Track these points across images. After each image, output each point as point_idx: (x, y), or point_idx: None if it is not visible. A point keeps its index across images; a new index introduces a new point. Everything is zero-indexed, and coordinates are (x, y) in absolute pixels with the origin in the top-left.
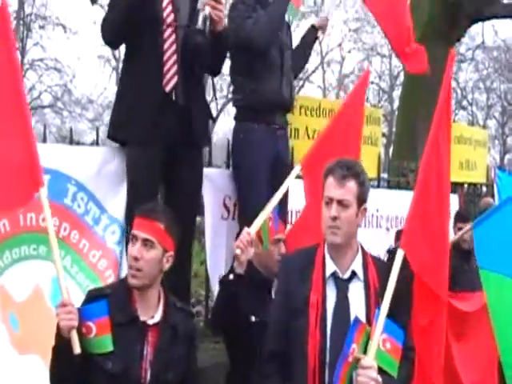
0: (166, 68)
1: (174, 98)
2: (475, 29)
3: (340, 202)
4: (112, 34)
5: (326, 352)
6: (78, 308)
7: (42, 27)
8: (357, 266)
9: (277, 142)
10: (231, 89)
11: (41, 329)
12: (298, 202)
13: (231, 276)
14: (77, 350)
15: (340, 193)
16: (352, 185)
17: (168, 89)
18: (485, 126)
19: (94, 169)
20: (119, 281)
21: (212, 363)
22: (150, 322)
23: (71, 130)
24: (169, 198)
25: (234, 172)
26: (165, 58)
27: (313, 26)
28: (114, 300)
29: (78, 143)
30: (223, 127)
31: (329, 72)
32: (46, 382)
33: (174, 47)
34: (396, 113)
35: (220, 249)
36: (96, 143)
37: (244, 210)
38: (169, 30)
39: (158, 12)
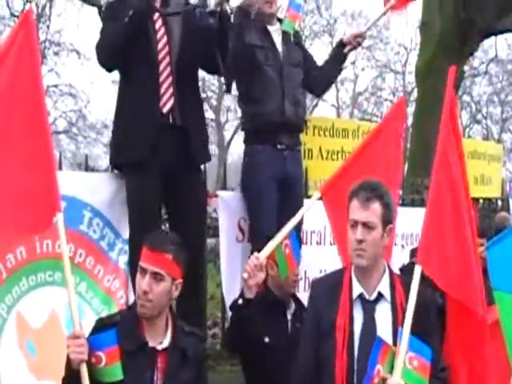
0: (162, 90)
1: (171, 120)
2: (488, 42)
3: (365, 225)
4: (108, 57)
5: (354, 374)
6: (87, 338)
7: (56, 53)
8: (383, 286)
9: (284, 163)
10: None
11: (57, 355)
12: (312, 222)
13: (240, 301)
14: (86, 383)
15: (364, 215)
16: (376, 206)
17: (165, 110)
18: (499, 140)
19: (108, 195)
20: (127, 308)
21: None
22: (159, 347)
23: (86, 156)
24: (174, 221)
25: (242, 194)
26: (161, 79)
27: (341, 42)
28: (122, 328)
29: (93, 169)
30: (238, 149)
31: (342, 90)
32: None
33: (168, 69)
34: (410, 129)
35: (235, 271)
36: (111, 169)
37: (253, 232)
38: (163, 52)
39: (151, 35)
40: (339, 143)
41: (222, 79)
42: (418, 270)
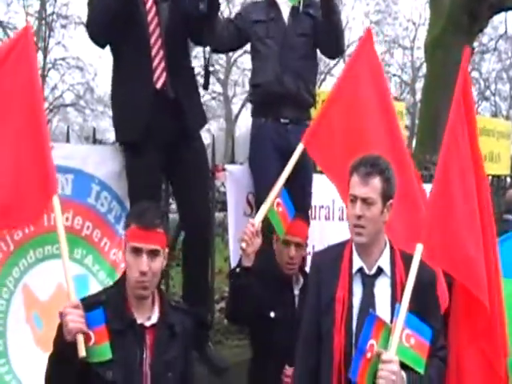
0: (154, 65)
1: (166, 94)
2: (498, 18)
3: (364, 201)
4: (97, 32)
5: (352, 348)
6: None
7: (63, 26)
8: (383, 261)
9: (288, 137)
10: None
11: None
12: (320, 197)
13: (238, 269)
14: (82, 353)
15: (364, 191)
16: (376, 182)
17: (159, 85)
18: (508, 117)
19: (116, 168)
20: (113, 285)
21: (235, 361)
22: (148, 323)
23: (94, 129)
24: (179, 195)
25: (249, 167)
26: (152, 54)
27: None
28: (110, 306)
29: (100, 142)
30: (246, 123)
31: None
32: None
33: (159, 43)
34: (418, 105)
35: None
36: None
37: (258, 204)
38: (153, 24)
39: (141, 10)
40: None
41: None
42: (419, 247)
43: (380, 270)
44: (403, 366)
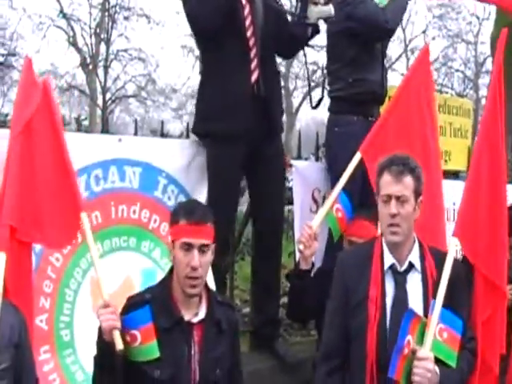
0: (250, 58)
1: (256, 90)
2: None
3: (398, 199)
4: (210, 28)
5: (386, 345)
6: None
7: (126, 18)
8: (414, 257)
9: None
10: (325, 78)
11: None
12: None
13: (297, 272)
14: (119, 346)
15: (398, 189)
16: (409, 180)
17: (252, 81)
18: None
19: (183, 162)
20: (158, 284)
21: (302, 356)
22: (195, 320)
23: (162, 122)
24: (254, 190)
25: (328, 166)
26: (247, 50)
27: None
28: (156, 305)
29: (167, 135)
30: (305, 116)
31: (412, 60)
32: None
33: (253, 39)
34: (482, 101)
35: None
36: (186, 136)
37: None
38: (248, 20)
39: (238, 9)
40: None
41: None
42: (453, 241)
43: (411, 266)
44: (435, 359)
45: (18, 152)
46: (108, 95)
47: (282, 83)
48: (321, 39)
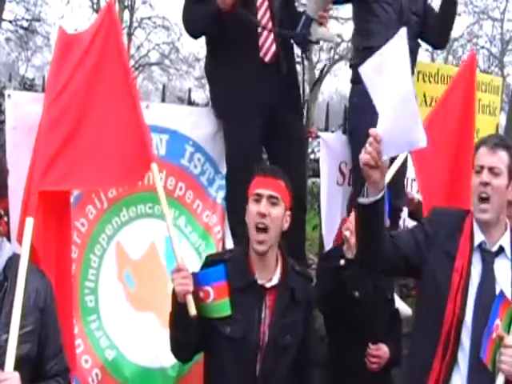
0: (262, 38)
1: (277, 68)
2: None
3: (491, 170)
4: (198, 30)
5: (464, 322)
6: (195, 273)
7: None
8: (505, 242)
9: None
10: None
11: (156, 287)
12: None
13: (342, 261)
14: (193, 311)
15: (491, 160)
16: (503, 154)
17: (267, 59)
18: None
19: (211, 130)
20: (239, 245)
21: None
22: (268, 285)
23: (189, 90)
24: (275, 161)
25: (348, 137)
26: (260, 29)
27: None
28: (232, 265)
29: (194, 103)
30: (327, 89)
31: None
32: (162, 339)
33: (268, 14)
34: (507, 79)
35: (335, 214)
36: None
37: (359, 177)
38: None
39: None
40: (444, 90)
41: None
42: None
43: (501, 249)
44: None
45: (57, 112)
46: (131, 62)
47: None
48: (345, 11)
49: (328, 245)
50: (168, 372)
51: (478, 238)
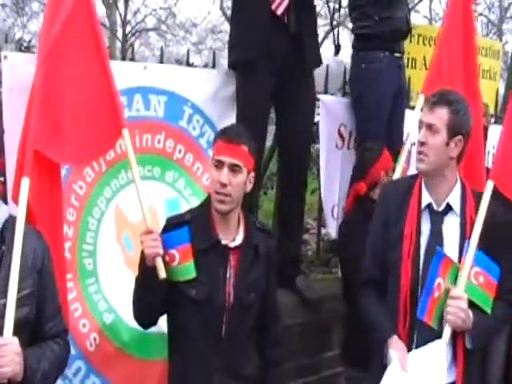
0: None
1: (286, 21)
2: None
3: (429, 128)
4: None
5: (418, 284)
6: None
7: None
8: (453, 199)
9: (400, 73)
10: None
11: None
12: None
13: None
14: (162, 274)
15: (429, 117)
16: (443, 112)
17: (279, 12)
18: None
19: (210, 92)
20: (199, 206)
21: (324, 293)
22: (232, 244)
23: (188, 51)
24: (282, 123)
25: (354, 102)
26: None
27: None
28: (195, 226)
29: (192, 66)
30: (325, 54)
31: (435, 1)
32: None
33: None
34: (505, 47)
35: (334, 178)
36: (212, 66)
37: (363, 142)
38: None
39: None
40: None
41: None
42: (489, 185)
43: (449, 208)
44: (472, 304)
45: (44, 74)
46: (128, 28)
47: None
48: None
49: (327, 209)
50: (166, 336)
51: (426, 199)
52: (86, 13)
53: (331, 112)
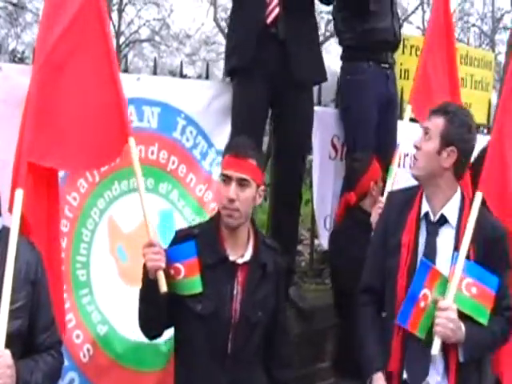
0: (267, 0)
1: (273, 30)
2: None
3: (425, 133)
4: None
5: None
6: (165, 249)
7: None
8: (449, 210)
9: (387, 83)
10: (332, 27)
11: None
12: (406, 145)
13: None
14: (163, 288)
15: (425, 123)
16: (439, 121)
17: (269, 21)
18: None
19: (203, 103)
20: (208, 220)
21: (317, 304)
22: (240, 261)
23: (181, 63)
24: (277, 138)
25: (342, 113)
26: None
27: None
28: (202, 240)
29: (185, 77)
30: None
31: (429, 13)
32: None
33: None
34: (498, 57)
35: (327, 188)
36: (206, 77)
37: (352, 152)
38: None
39: None
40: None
41: None
42: (478, 196)
43: (444, 219)
44: (465, 317)
45: (40, 84)
46: (122, 39)
47: None
48: None
49: (320, 220)
50: (160, 347)
51: (424, 208)
52: (95, 14)
53: (324, 123)
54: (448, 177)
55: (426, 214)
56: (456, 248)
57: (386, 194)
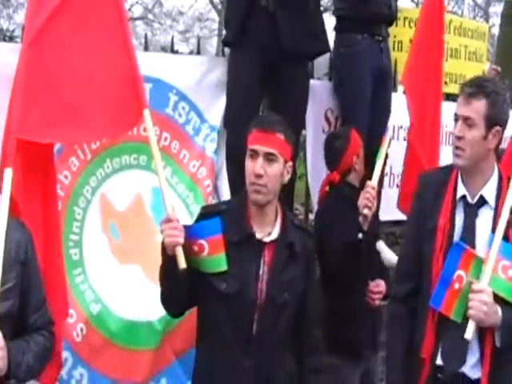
0: None
1: (264, 3)
2: None
3: (465, 121)
4: None
5: None
6: (189, 225)
7: None
8: (488, 191)
9: (381, 55)
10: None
11: (142, 239)
12: (400, 117)
13: (360, 235)
14: (182, 265)
15: (465, 110)
16: (480, 104)
17: None
18: None
19: (195, 78)
20: (236, 197)
21: None
22: (267, 239)
23: (172, 38)
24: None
25: (336, 86)
26: None
27: None
28: (229, 217)
29: (177, 53)
30: None
31: None
32: (148, 292)
33: None
34: (492, 29)
35: (321, 162)
36: (197, 53)
37: (347, 126)
38: None
39: None
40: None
41: None
42: None
43: (483, 200)
44: (503, 301)
45: (28, 61)
46: None
47: None
48: None
49: (314, 194)
50: (154, 326)
51: (461, 191)
52: None
53: (317, 96)
54: (491, 156)
55: (463, 196)
56: (494, 229)
57: (374, 177)
